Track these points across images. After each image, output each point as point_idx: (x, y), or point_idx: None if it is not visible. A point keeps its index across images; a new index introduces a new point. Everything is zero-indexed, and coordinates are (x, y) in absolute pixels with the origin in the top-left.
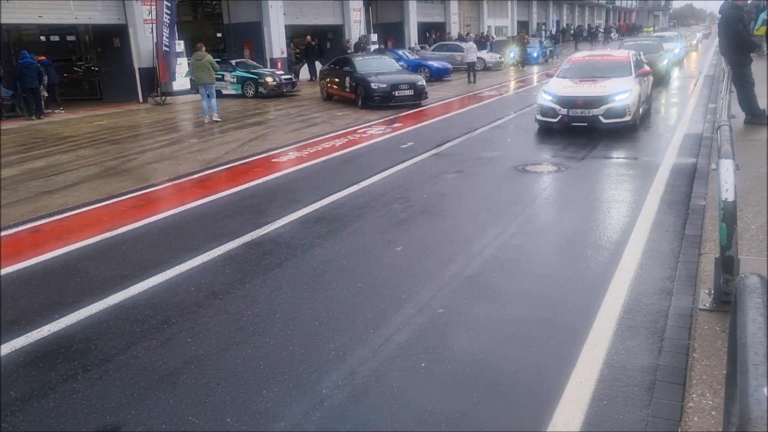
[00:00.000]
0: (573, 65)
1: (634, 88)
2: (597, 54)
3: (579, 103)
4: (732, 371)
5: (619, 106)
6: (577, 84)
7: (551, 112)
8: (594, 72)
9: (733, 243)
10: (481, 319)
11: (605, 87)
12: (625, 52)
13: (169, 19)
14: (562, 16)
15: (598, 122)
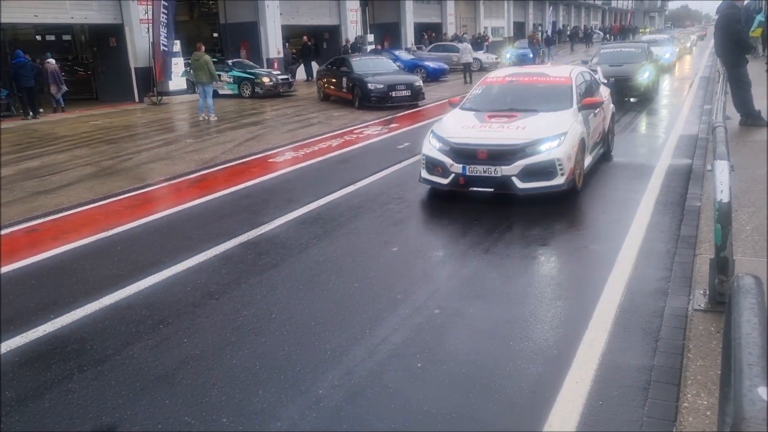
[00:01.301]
0: (486, 90)
1: (572, 129)
2: (525, 73)
3: (481, 155)
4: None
5: (545, 162)
6: (485, 123)
7: (440, 168)
8: (515, 102)
9: (727, 244)
10: (476, 318)
11: (525, 129)
12: (566, 71)
13: (167, 18)
14: (558, 16)
15: (510, 187)
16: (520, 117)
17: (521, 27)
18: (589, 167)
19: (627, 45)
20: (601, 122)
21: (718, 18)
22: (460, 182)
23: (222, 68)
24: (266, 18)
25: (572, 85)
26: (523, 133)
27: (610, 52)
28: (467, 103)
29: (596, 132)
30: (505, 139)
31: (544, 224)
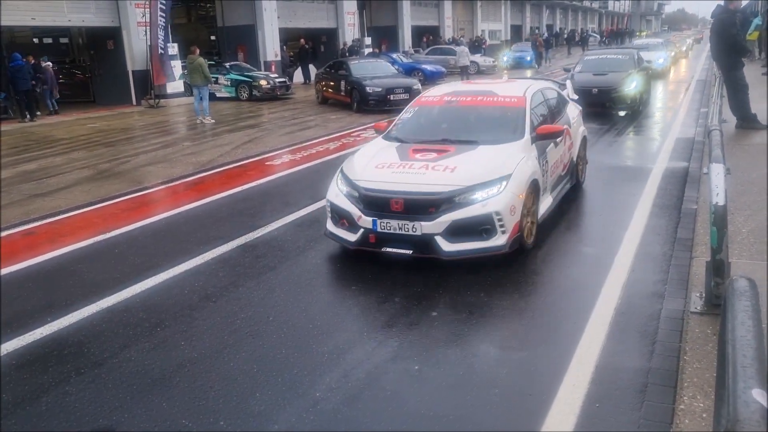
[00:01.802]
0: (418, 114)
1: (520, 169)
2: (469, 92)
3: (396, 206)
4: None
5: (479, 216)
6: (406, 161)
7: (346, 220)
8: (452, 131)
9: (723, 247)
10: (474, 320)
11: (456, 170)
12: (521, 88)
13: (164, 21)
14: (555, 20)
15: (433, 248)
16: (452, 152)
17: (518, 30)
18: (548, 212)
19: (613, 52)
20: (567, 151)
21: (714, 22)
22: (370, 240)
23: (219, 71)
24: (264, 21)
25: (525, 108)
26: (451, 177)
27: (594, 60)
28: (393, 131)
29: (558, 165)
30: (428, 185)
31: None
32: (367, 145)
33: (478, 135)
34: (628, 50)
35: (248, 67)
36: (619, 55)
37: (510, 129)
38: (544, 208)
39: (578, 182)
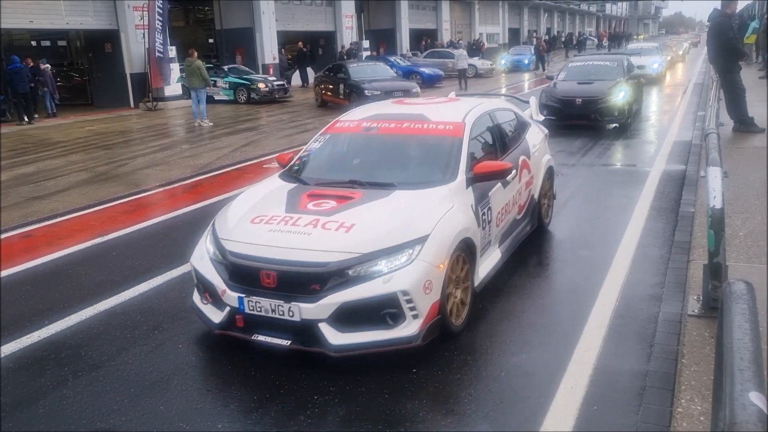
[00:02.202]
0: (328, 144)
1: (444, 226)
2: (395, 115)
3: (266, 280)
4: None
5: (379, 297)
6: (293, 212)
7: (210, 294)
8: (365, 168)
9: (721, 250)
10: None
11: (353, 229)
12: (461, 112)
13: (162, 24)
14: (552, 23)
15: (317, 339)
16: (357, 200)
17: (516, 33)
18: (494, 271)
19: (601, 58)
20: (524, 189)
21: (711, 25)
22: (237, 323)
23: (218, 74)
24: (262, 24)
25: (462, 139)
26: (346, 239)
27: (579, 67)
28: (295, 166)
29: (511, 209)
30: (312, 251)
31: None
32: (255, 186)
33: (397, 175)
34: (616, 56)
35: (246, 70)
36: (607, 61)
37: (439, 168)
38: (486, 270)
39: (541, 224)
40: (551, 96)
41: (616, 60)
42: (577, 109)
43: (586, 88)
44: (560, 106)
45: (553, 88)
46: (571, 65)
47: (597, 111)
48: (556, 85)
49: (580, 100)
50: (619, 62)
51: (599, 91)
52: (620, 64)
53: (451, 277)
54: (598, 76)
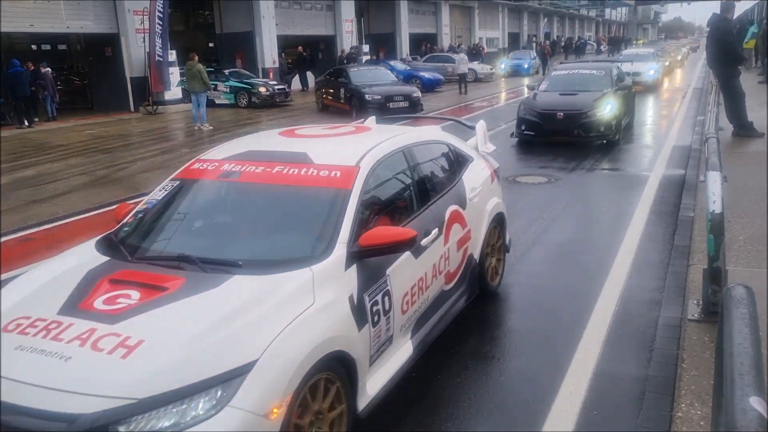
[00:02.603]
0: (179, 194)
1: (283, 348)
2: (272, 155)
3: None
4: (719, 381)
5: None
6: (67, 315)
7: None
8: (204, 237)
9: (720, 254)
10: (472, 329)
11: (140, 351)
12: (358, 151)
13: (161, 28)
14: (552, 28)
15: None
16: (170, 294)
17: (516, 38)
18: (398, 375)
19: (587, 66)
20: (456, 251)
21: (710, 30)
22: None
23: (218, 78)
24: (262, 28)
25: (350, 193)
26: (118, 371)
27: (563, 76)
28: (126, 226)
29: (431, 283)
30: (59, 390)
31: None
32: (61, 256)
33: (247, 249)
34: (604, 64)
35: (247, 74)
36: (594, 70)
37: (307, 238)
38: (381, 381)
39: (485, 289)
40: (530, 109)
41: (604, 68)
42: (558, 124)
43: (569, 100)
44: (539, 120)
45: (532, 100)
46: (554, 74)
47: (581, 126)
48: (537, 96)
49: (562, 114)
50: (607, 71)
51: (583, 104)
52: (608, 74)
53: (299, 421)
54: (584, 87)
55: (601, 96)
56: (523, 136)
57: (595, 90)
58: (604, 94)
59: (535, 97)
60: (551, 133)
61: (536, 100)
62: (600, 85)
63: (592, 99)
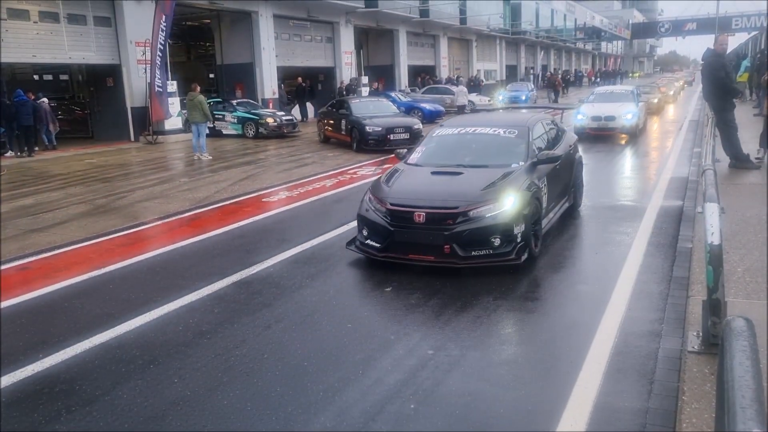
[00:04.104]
0: None
1: None
2: None
3: None
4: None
5: None
6: None
7: None
8: None
9: (719, 286)
10: (470, 359)
11: None
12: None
13: (161, 59)
14: (549, 60)
15: None
16: None
17: (513, 70)
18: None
19: (495, 120)
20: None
21: (703, 65)
22: None
23: (226, 108)
24: (262, 60)
25: (528, 136)
26: None
27: (451, 137)
28: None
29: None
30: None
31: (532, 265)
32: None
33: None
34: (525, 118)
35: (256, 104)
36: (502, 128)
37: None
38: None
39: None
40: (377, 201)
41: (521, 125)
42: (416, 234)
43: (445, 186)
44: (387, 224)
45: (383, 184)
46: (439, 133)
47: (454, 237)
48: (397, 176)
49: (423, 215)
50: (525, 129)
51: (465, 195)
52: (524, 134)
53: None
54: (477, 159)
55: (501, 178)
56: (366, 250)
57: (494, 165)
58: (507, 174)
59: (393, 178)
60: (407, 248)
61: (390, 185)
62: (505, 155)
63: (483, 185)
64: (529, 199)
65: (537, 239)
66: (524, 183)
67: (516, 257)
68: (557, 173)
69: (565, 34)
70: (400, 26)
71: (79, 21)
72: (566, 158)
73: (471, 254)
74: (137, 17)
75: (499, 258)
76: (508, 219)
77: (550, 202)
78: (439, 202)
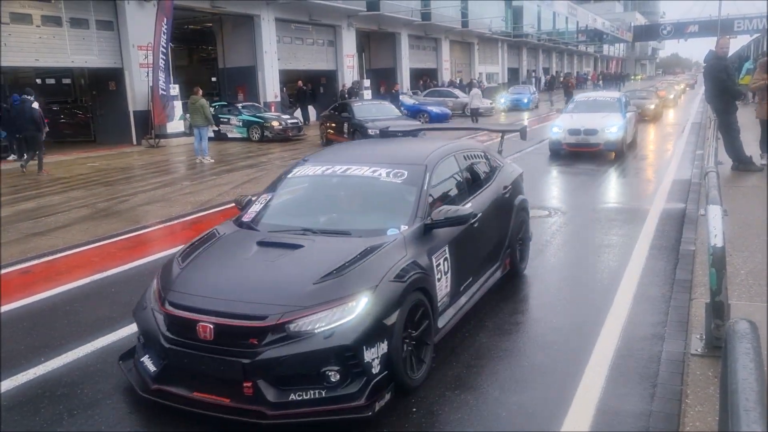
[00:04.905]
0: None
1: None
2: None
3: None
4: (724, 417)
5: None
6: None
7: None
8: None
9: (723, 288)
10: (474, 363)
11: None
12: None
13: (164, 63)
14: (551, 63)
15: None
16: None
17: (515, 73)
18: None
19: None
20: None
21: (705, 68)
22: None
23: (231, 112)
24: (264, 63)
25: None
26: None
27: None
28: None
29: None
30: None
31: (532, 268)
32: None
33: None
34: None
35: (261, 107)
36: (384, 167)
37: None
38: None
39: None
40: (156, 296)
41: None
42: (200, 359)
43: (262, 273)
44: (162, 337)
45: (176, 262)
46: (297, 173)
47: (259, 369)
48: (203, 249)
49: (210, 328)
50: (419, 170)
51: (285, 294)
52: (417, 178)
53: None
54: (337, 220)
55: (358, 258)
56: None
57: (361, 230)
58: (372, 249)
59: (193, 253)
60: (190, 380)
61: (183, 266)
62: (384, 212)
63: (325, 269)
64: (400, 295)
65: (421, 358)
66: (395, 267)
67: (365, 404)
68: (477, 234)
69: (567, 36)
70: (401, 29)
71: (81, 25)
72: (496, 207)
73: (288, 399)
74: (139, 21)
75: (337, 404)
76: (353, 338)
77: (458, 282)
78: (239, 305)
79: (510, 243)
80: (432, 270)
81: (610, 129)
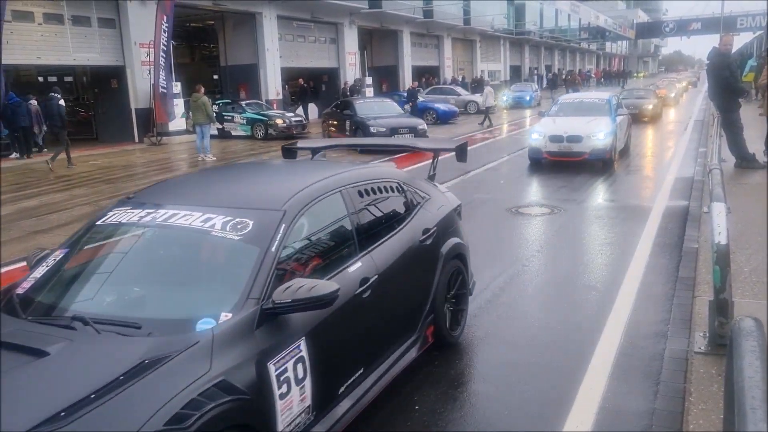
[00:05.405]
0: None
1: None
2: None
3: None
4: (729, 416)
5: None
6: None
7: None
8: None
9: (726, 286)
10: (475, 361)
11: None
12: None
13: (165, 61)
14: (553, 61)
15: None
16: None
17: (517, 70)
18: None
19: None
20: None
21: (708, 64)
22: None
23: (235, 110)
24: (266, 61)
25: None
26: None
27: None
28: None
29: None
30: None
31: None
32: None
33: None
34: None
35: (265, 105)
36: (221, 214)
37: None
38: None
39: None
40: None
41: (270, 207)
42: None
43: None
44: None
45: None
46: (109, 219)
47: None
48: None
49: None
50: (273, 219)
51: None
52: (264, 234)
53: None
54: (132, 303)
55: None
56: None
57: (160, 323)
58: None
59: None
60: None
61: None
62: (202, 291)
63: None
64: None
65: None
66: (176, 399)
67: None
68: (371, 305)
69: (569, 34)
70: (404, 27)
71: (83, 23)
72: (411, 260)
73: None
74: (141, 19)
75: None
76: None
77: (331, 385)
78: None
79: (434, 306)
80: (268, 385)
81: (597, 135)
